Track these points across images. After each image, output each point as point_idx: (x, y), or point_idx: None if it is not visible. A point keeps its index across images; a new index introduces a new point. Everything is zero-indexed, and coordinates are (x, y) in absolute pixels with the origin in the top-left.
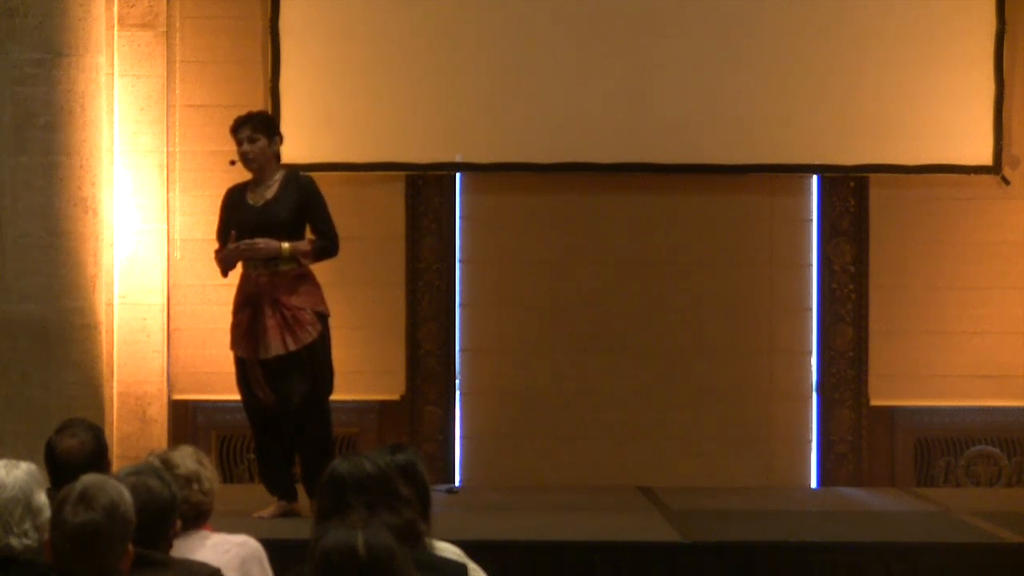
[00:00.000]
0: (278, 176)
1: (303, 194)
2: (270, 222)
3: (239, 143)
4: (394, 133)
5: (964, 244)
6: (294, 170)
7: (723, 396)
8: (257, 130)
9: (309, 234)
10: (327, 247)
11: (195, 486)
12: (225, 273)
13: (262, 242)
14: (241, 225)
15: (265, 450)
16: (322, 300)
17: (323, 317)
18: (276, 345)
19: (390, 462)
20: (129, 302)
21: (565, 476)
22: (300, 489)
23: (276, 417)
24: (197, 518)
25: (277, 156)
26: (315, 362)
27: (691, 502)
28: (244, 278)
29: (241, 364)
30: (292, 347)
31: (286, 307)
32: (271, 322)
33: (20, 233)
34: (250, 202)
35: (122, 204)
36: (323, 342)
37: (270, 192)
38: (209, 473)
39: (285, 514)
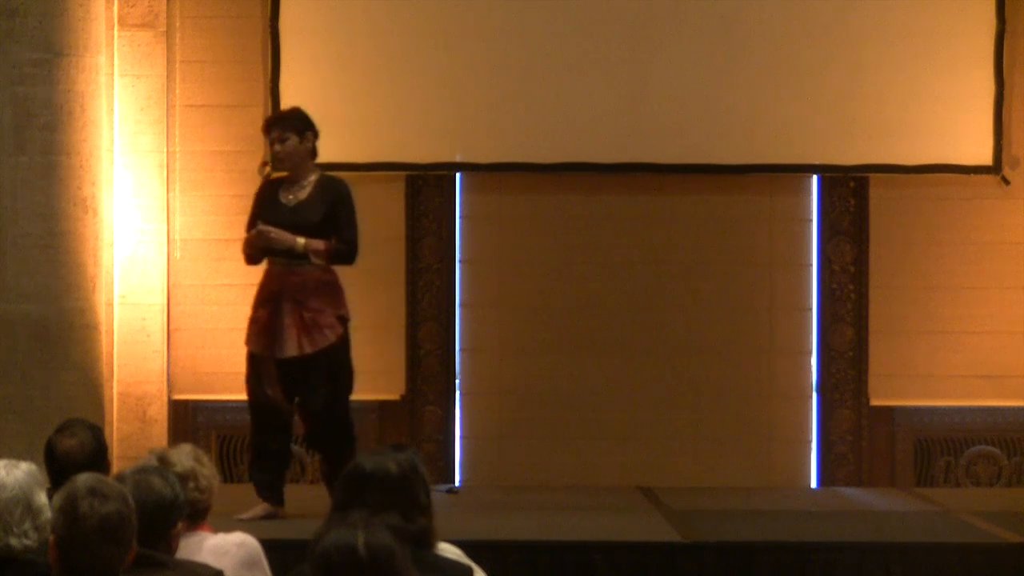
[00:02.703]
0: (313, 177)
1: (335, 196)
2: (301, 223)
3: (270, 143)
4: (394, 133)
5: (964, 244)
6: (328, 172)
7: (723, 396)
8: (286, 129)
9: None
10: (344, 252)
11: (191, 484)
12: (253, 262)
13: (275, 232)
14: (272, 223)
15: (263, 450)
16: (344, 303)
17: (344, 320)
18: (291, 346)
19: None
20: (129, 302)
21: (565, 476)
22: (287, 494)
23: (280, 417)
24: (194, 516)
25: (313, 153)
26: (334, 365)
27: (691, 502)
28: (268, 274)
29: (253, 360)
30: (308, 350)
31: (307, 308)
32: (288, 321)
33: (20, 233)
34: (283, 201)
35: (122, 204)
36: (343, 345)
37: (304, 193)
38: (207, 471)
39: (268, 517)
